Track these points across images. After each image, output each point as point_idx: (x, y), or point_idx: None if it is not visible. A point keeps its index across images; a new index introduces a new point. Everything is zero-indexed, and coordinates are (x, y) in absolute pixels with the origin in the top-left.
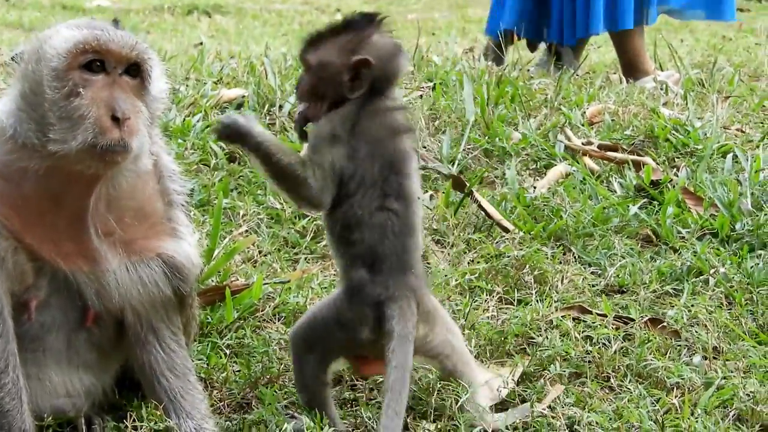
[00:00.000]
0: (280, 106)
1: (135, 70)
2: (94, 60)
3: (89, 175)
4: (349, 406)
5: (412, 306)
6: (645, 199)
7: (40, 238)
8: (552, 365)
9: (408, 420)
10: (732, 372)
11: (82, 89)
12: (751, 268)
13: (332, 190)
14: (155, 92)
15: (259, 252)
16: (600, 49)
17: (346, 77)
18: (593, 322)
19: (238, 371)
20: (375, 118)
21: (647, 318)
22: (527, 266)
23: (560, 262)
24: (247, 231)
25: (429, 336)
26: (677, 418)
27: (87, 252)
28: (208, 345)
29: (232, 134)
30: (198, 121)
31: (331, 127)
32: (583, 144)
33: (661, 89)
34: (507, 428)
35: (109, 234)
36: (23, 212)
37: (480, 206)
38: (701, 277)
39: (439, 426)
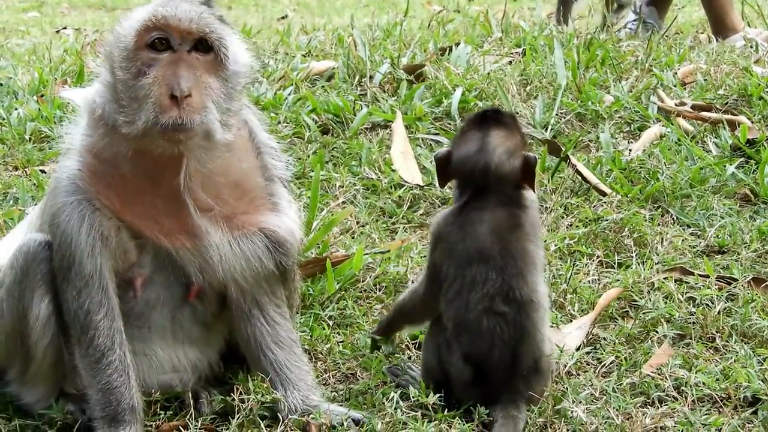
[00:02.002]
0: (371, 77)
1: (205, 45)
2: (159, 38)
3: (168, 154)
4: None
5: (520, 408)
6: (741, 159)
7: (140, 216)
8: (657, 327)
9: None
10: None
11: (147, 69)
12: None
13: (436, 291)
14: (234, 66)
15: (357, 223)
16: (684, 9)
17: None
18: (696, 283)
19: (342, 342)
20: (475, 214)
21: (750, 277)
22: (626, 229)
23: (659, 224)
24: (344, 202)
25: None
26: None
27: (188, 228)
28: (310, 317)
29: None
30: (289, 95)
31: (437, 224)
32: (676, 105)
33: (751, 47)
34: (614, 390)
35: (207, 210)
36: (122, 192)
37: (577, 170)
38: None
39: None
